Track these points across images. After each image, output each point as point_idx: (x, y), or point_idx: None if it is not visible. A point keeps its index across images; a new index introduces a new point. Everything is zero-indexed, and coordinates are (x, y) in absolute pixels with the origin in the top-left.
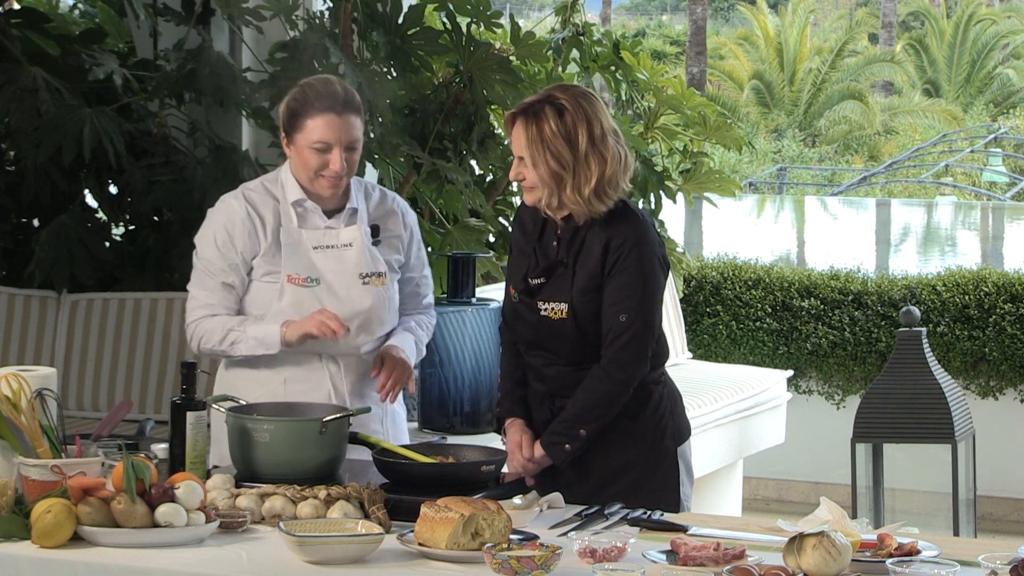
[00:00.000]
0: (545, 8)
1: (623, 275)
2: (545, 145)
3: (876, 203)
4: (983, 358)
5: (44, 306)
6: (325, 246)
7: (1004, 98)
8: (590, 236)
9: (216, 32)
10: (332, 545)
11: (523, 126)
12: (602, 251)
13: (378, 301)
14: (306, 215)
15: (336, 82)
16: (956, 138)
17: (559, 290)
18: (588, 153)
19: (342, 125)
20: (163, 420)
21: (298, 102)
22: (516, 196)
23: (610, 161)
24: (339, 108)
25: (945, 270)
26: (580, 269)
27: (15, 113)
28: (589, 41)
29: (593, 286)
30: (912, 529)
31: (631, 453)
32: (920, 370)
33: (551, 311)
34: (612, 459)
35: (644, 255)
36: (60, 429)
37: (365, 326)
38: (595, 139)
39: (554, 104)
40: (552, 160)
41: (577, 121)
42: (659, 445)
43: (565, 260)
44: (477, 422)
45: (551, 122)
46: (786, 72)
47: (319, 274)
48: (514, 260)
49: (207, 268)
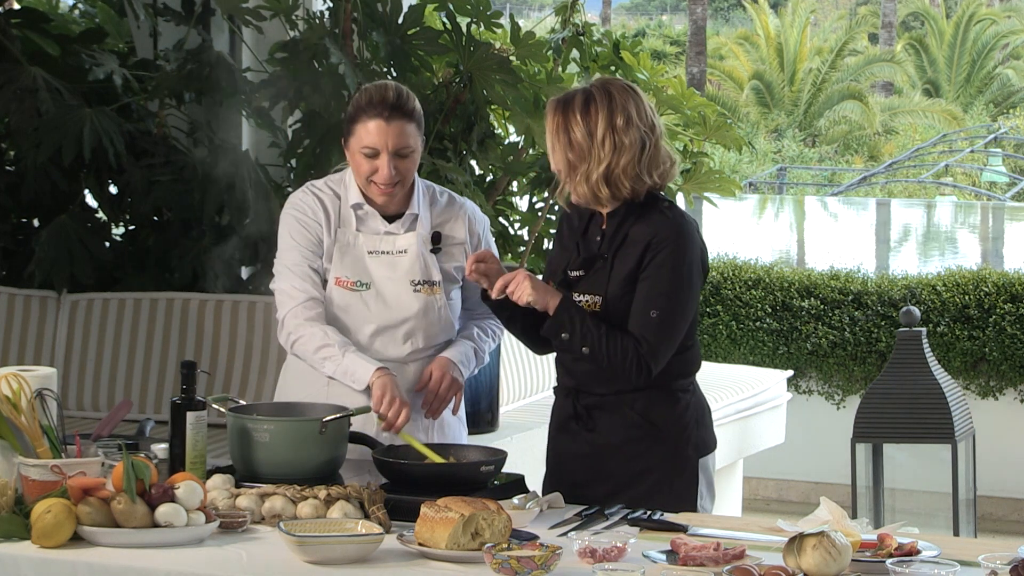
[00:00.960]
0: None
1: (660, 272)
2: (566, 133)
3: (876, 203)
4: (983, 358)
5: (44, 306)
6: (380, 251)
7: (1004, 98)
8: (633, 232)
9: (216, 32)
10: (332, 545)
11: (550, 116)
12: (643, 247)
13: (427, 310)
14: (366, 218)
15: (392, 88)
16: (956, 138)
17: (595, 283)
18: (604, 139)
19: (389, 131)
20: (163, 420)
21: (353, 106)
22: (516, 196)
23: (627, 149)
24: (387, 113)
25: (945, 270)
26: (619, 263)
27: (15, 113)
28: (589, 41)
29: (629, 280)
30: (912, 529)
31: (651, 458)
32: (920, 370)
33: (585, 303)
34: (632, 463)
35: (682, 255)
36: (60, 429)
37: (412, 334)
38: (615, 127)
39: (584, 92)
40: (567, 149)
41: (600, 109)
42: (681, 454)
43: (605, 254)
44: (477, 422)
45: (576, 112)
46: (786, 72)
47: (371, 279)
48: (556, 254)
49: (287, 263)
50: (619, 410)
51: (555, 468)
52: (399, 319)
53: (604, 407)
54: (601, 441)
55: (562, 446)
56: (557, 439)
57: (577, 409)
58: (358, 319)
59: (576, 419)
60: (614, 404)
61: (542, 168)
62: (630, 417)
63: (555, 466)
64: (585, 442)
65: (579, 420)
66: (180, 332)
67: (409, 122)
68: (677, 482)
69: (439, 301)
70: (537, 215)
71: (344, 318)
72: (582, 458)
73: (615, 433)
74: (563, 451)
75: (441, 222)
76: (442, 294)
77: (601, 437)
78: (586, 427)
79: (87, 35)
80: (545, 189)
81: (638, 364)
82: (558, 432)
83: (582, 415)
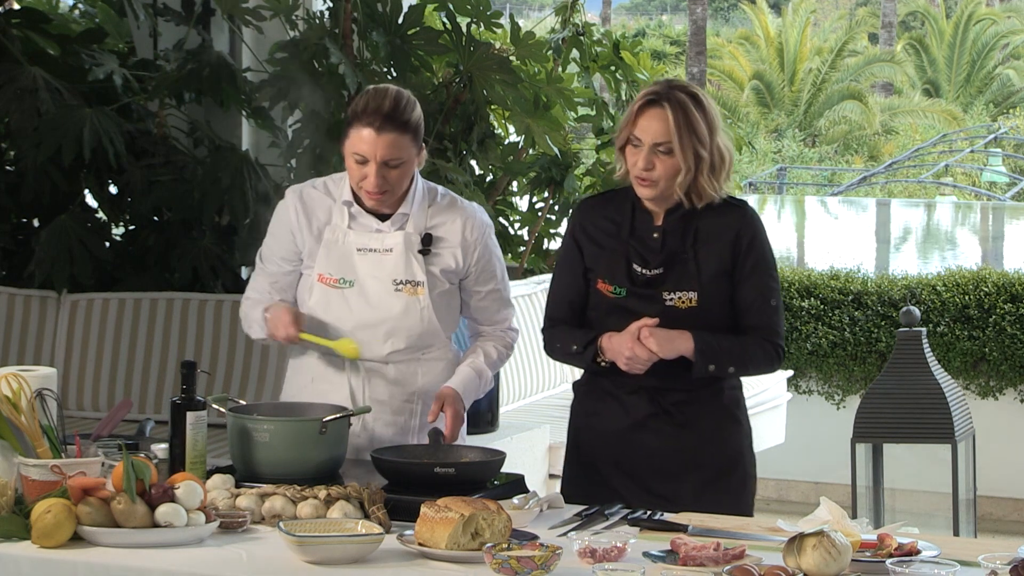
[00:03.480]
0: (545, 8)
1: (763, 263)
2: (691, 130)
3: (876, 203)
4: (983, 358)
5: (44, 306)
6: (369, 249)
7: (1004, 98)
8: (705, 225)
9: (216, 32)
10: (332, 545)
11: (666, 111)
12: (732, 240)
13: (408, 310)
14: (358, 216)
15: (391, 96)
16: (956, 138)
17: (683, 279)
18: (720, 141)
19: (379, 142)
20: (163, 420)
21: (351, 109)
22: (516, 196)
23: (732, 148)
24: (379, 124)
25: (945, 270)
26: (705, 257)
27: (15, 113)
28: (589, 41)
29: (721, 272)
30: (912, 529)
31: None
32: (920, 370)
33: (677, 300)
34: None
35: (767, 241)
36: (60, 429)
37: (393, 333)
38: (720, 127)
39: (686, 91)
40: (698, 145)
41: (711, 109)
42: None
43: (683, 249)
44: (477, 422)
45: (692, 108)
46: (786, 72)
47: (355, 276)
48: (598, 257)
49: (260, 257)
50: (708, 401)
51: (630, 467)
52: (379, 318)
53: (693, 401)
54: (695, 434)
55: (642, 444)
56: (630, 439)
57: (664, 407)
58: (338, 316)
59: (662, 415)
60: (703, 397)
61: (542, 168)
62: (719, 407)
63: (630, 465)
64: (673, 436)
65: (667, 416)
66: (180, 332)
67: (402, 133)
68: (752, 464)
69: (422, 302)
70: (537, 215)
71: (324, 315)
72: (672, 453)
73: (708, 424)
74: (644, 448)
75: (436, 224)
76: (426, 295)
77: (695, 430)
78: (678, 423)
79: (87, 35)
80: (545, 189)
81: (776, 354)
82: (633, 431)
83: (670, 411)
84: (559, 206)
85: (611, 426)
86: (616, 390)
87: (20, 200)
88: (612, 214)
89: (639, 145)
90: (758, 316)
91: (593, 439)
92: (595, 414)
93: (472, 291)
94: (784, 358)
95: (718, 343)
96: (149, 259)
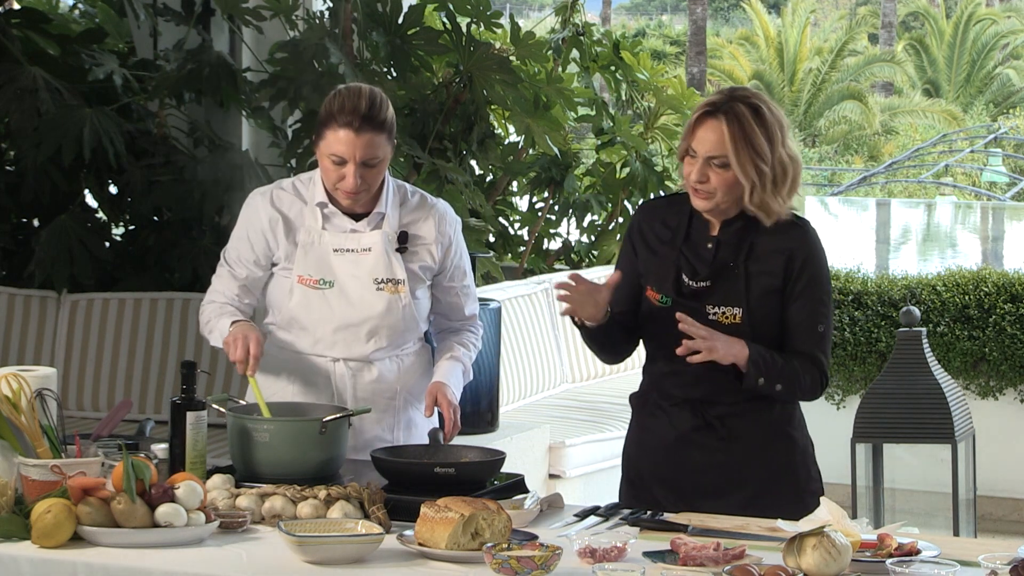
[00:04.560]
0: (545, 8)
1: (816, 287)
2: (748, 142)
3: (876, 203)
4: (983, 358)
5: (44, 306)
6: (345, 249)
7: (1004, 98)
8: (762, 240)
9: (216, 32)
10: (332, 545)
11: (723, 123)
12: (785, 259)
13: (390, 308)
14: (332, 216)
15: (365, 95)
16: (956, 138)
17: (730, 294)
18: (782, 153)
19: (358, 142)
20: (163, 420)
21: (324, 110)
22: (516, 196)
23: (799, 162)
24: (358, 124)
25: (945, 270)
26: (756, 273)
27: (15, 113)
28: (589, 41)
29: (771, 290)
30: (912, 529)
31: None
32: (920, 370)
33: (721, 315)
34: (769, 467)
35: (825, 264)
36: (60, 429)
37: (375, 332)
38: (786, 139)
39: (747, 103)
40: (756, 157)
41: (773, 120)
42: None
43: (734, 263)
44: (477, 422)
45: (750, 119)
46: (786, 72)
47: (334, 276)
48: (649, 263)
49: (226, 259)
50: (755, 416)
51: (675, 482)
52: (362, 317)
53: (739, 414)
54: (741, 448)
55: (688, 458)
56: (676, 451)
57: (708, 419)
58: (320, 317)
59: (706, 429)
60: (749, 411)
61: (542, 168)
62: (767, 422)
63: (675, 480)
64: (720, 450)
65: (711, 430)
66: (180, 332)
67: (379, 133)
68: (808, 480)
69: (403, 300)
70: (537, 215)
71: (305, 316)
72: (719, 468)
73: (754, 439)
74: (688, 463)
75: (409, 222)
76: (407, 293)
77: (741, 444)
78: (721, 436)
79: (87, 35)
80: (545, 189)
81: (822, 383)
82: (678, 444)
83: (714, 425)
84: (559, 206)
85: (658, 440)
86: (664, 402)
87: (20, 200)
88: (669, 219)
89: (695, 156)
90: (803, 342)
91: (642, 454)
92: (645, 428)
93: (446, 287)
94: (827, 386)
95: (772, 358)
96: (149, 259)
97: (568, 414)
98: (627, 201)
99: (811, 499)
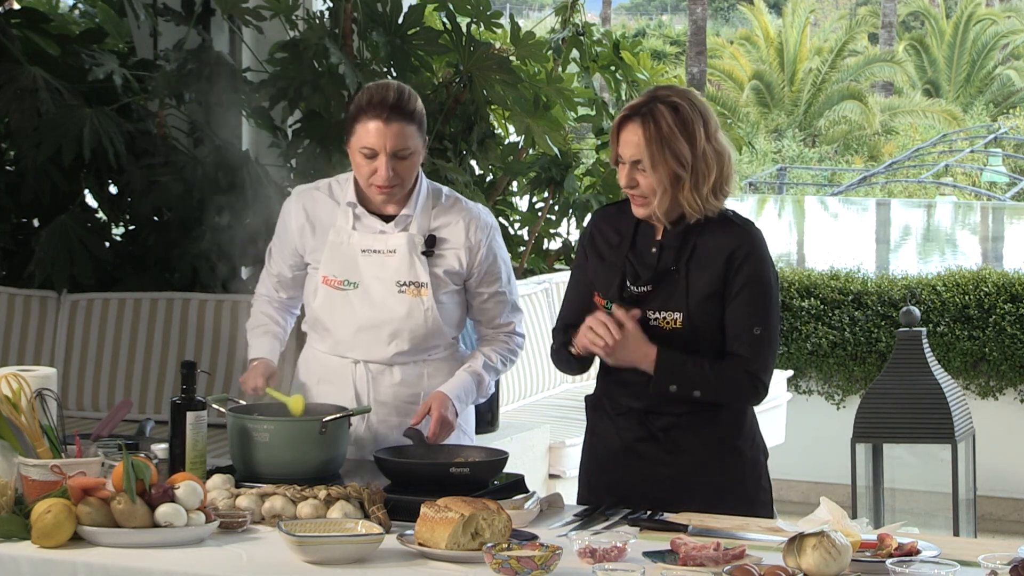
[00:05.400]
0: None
1: (754, 286)
2: (664, 144)
3: (876, 203)
4: (983, 358)
5: (44, 306)
6: (373, 250)
7: (1004, 98)
8: (703, 242)
9: (216, 32)
10: (332, 545)
11: (639, 126)
12: (725, 259)
13: (412, 312)
14: (362, 217)
15: (394, 88)
16: (956, 138)
17: (671, 298)
18: (705, 149)
19: (388, 132)
20: (163, 420)
21: (354, 106)
22: (516, 196)
23: (725, 156)
24: (387, 115)
25: (945, 270)
26: (696, 276)
27: (15, 113)
28: (589, 41)
29: (711, 293)
30: (912, 529)
31: (735, 471)
32: (920, 370)
33: (662, 320)
34: (716, 479)
35: (767, 267)
36: (60, 429)
37: (396, 335)
38: (710, 134)
39: (666, 102)
40: (671, 159)
41: (693, 116)
42: (757, 462)
43: (675, 267)
44: (477, 422)
45: (668, 119)
46: (786, 72)
47: (360, 277)
48: (596, 269)
49: (269, 257)
50: (700, 428)
51: (625, 490)
52: (383, 320)
53: (684, 426)
54: (686, 461)
55: (633, 468)
56: (623, 461)
57: (652, 431)
58: (343, 318)
59: (650, 440)
60: (694, 423)
61: (542, 168)
62: (713, 434)
63: (625, 488)
64: (664, 463)
65: (655, 441)
66: (180, 332)
67: (409, 123)
68: (758, 491)
69: (425, 303)
70: (537, 215)
71: (328, 317)
72: (664, 480)
73: (699, 452)
74: (636, 473)
75: (440, 225)
76: (429, 296)
77: (686, 457)
78: (666, 449)
79: (87, 35)
80: (545, 189)
81: (753, 386)
82: (625, 454)
83: (658, 436)
84: (559, 206)
85: (607, 447)
86: (611, 410)
87: (20, 200)
88: (620, 225)
89: (623, 162)
90: (736, 343)
91: (593, 458)
92: (595, 434)
93: (475, 293)
94: (765, 393)
95: (685, 363)
96: (149, 259)
97: (568, 414)
98: None
99: (762, 510)
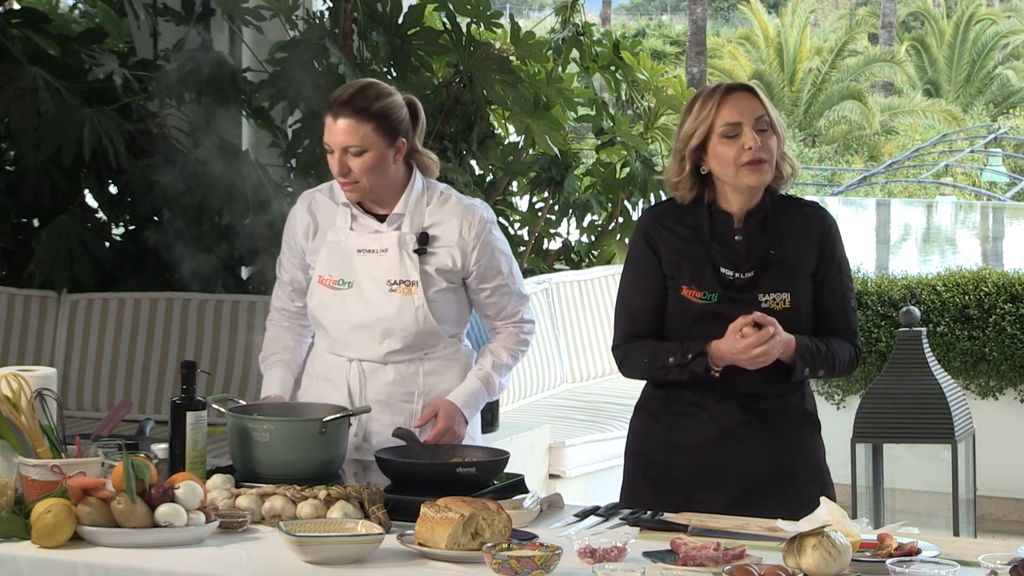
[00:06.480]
0: (545, 8)
1: (844, 263)
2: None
3: (876, 203)
4: (983, 358)
5: (44, 306)
6: (368, 250)
7: (1004, 98)
8: (786, 225)
9: (216, 32)
10: (332, 545)
11: (750, 94)
12: (816, 240)
13: (402, 310)
14: (359, 216)
15: (357, 85)
16: (956, 138)
17: (777, 281)
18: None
19: (336, 129)
20: (163, 420)
21: None
22: (516, 196)
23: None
24: (335, 110)
25: (945, 270)
26: (795, 257)
27: (15, 113)
28: (589, 41)
29: (809, 270)
30: (912, 529)
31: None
32: (920, 370)
33: (772, 302)
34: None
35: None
36: (60, 429)
37: (388, 334)
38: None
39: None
40: (777, 122)
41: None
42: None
43: (773, 251)
44: None
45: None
46: (786, 72)
47: (355, 277)
48: (678, 264)
49: (280, 267)
50: (792, 408)
51: (717, 477)
52: (375, 319)
53: (783, 408)
54: (781, 441)
55: (729, 454)
56: (717, 450)
57: (756, 412)
58: (336, 317)
59: (753, 423)
60: (787, 405)
61: (542, 168)
62: (801, 413)
63: (717, 475)
64: (762, 445)
65: (759, 423)
66: (180, 332)
67: (361, 120)
68: (830, 477)
69: (416, 302)
70: (537, 215)
71: (324, 316)
72: (762, 461)
73: (795, 431)
74: (732, 459)
75: (433, 223)
76: (420, 295)
77: (781, 437)
78: (766, 430)
79: (87, 35)
80: (545, 189)
81: (858, 358)
82: (720, 442)
83: (763, 417)
84: (559, 206)
85: (696, 438)
86: (702, 400)
87: (20, 200)
88: (685, 219)
89: (736, 132)
90: (840, 318)
91: (673, 453)
92: (676, 427)
93: (477, 289)
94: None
95: (815, 345)
96: (149, 259)
97: (568, 414)
98: (627, 201)
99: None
